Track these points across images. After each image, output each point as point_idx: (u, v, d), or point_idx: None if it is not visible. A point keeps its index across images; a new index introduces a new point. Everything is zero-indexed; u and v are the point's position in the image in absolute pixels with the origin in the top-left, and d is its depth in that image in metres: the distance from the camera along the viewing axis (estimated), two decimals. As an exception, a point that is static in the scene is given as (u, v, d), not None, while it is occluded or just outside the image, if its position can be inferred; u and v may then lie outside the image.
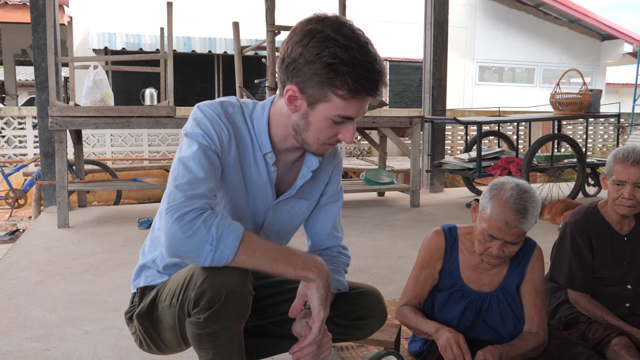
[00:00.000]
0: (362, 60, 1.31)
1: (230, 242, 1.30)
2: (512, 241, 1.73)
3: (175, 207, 1.30)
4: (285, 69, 1.38)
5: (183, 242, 1.29)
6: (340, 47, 1.31)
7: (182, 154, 1.40)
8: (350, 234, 4.34)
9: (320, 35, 1.32)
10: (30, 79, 19.68)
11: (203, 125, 1.43)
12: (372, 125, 5.48)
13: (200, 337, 1.38)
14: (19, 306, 2.75)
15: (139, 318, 1.56)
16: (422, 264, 1.92)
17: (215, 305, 1.33)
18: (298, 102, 1.40)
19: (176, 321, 1.45)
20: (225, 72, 11.79)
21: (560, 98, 5.91)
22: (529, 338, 1.81)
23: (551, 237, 2.54)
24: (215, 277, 1.32)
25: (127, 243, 4.07)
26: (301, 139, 1.46)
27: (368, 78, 1.33)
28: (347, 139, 1.44)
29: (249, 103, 1.54)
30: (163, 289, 1.52)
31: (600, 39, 14.35)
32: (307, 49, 1.32)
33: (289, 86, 1.38)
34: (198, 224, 1.29)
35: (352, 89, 1.33)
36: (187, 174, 1.35)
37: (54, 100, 4.51)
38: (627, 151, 2.03)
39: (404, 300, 1.93)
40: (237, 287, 1.34)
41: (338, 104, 1.36)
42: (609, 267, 2.11)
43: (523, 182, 1.75)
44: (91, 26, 10.75)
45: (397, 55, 12.56)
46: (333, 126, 1.41)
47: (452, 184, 8.98)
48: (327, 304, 1.43)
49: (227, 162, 1.47)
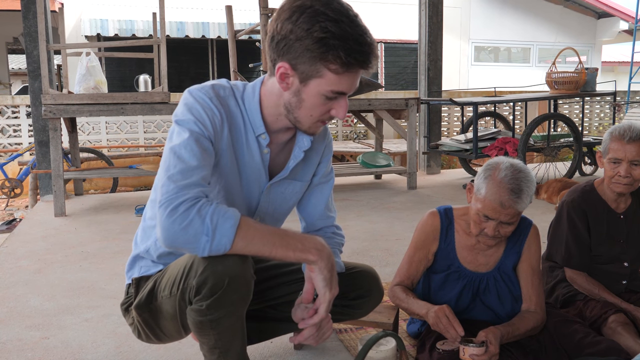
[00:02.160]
0: (353, 33, 1.30)
1: (227, 231, 1.28)
2: (507, 221, 1.73)
3: (169, 199, 1.29)
4: (275, 46, 1.35)
5: (179, 235, 1.27)
6: (331, 20, 1.28)
7: (173, 142, 1.37)
8: (347, 217, 4.34)
9: (309, 10, 1.29)
10: (23, 67, 19.51)
11: (195, 111, 1.40)
12: (368, 108, 5.46)
13: (202, 324, 1.38)
14: (18, 295, 2.75)
15: (138, 309, 1.55)
16: (416, 244, 1.92)
17: (217, 292, 1.33)
18: (290, 80, 1.37)
19: (177, 310, 1.45)
20: (219, 57, 11.71)
21: (556, 77, 5.89)
22: (528, 317, 1.82)
23: (548, 217, 2.54)
24: (217, 264, 1.32)
25: (124, 230, 4.07)
26: (293, 117, 1.43)
27: (360, 51, 1.31)
28: (340, 115, 1.42)
29: (239, 85, 1.52)
30: (161, 278, 1.51)
31: (596, 17, 14.28)
32: (297, 24, 1.30)
33: (280, 64, 1.36)
34: (192, 214, 1.27)
35: (345, 63, 1.31)
36: (179, 163, 1.33)
37: (47, 89, 4.48)
38: (623, 129, 2.02)
39: (397, 280, 1.94)
40: (240, 272, 1.34)
41: (331, 79, 1.34)
42: (605, 245, 2.12)
43: (518, 162, 1.75)
44: (83, 12, 10.65)
45: (392, 37, 12.48)
46: (326, 102, 1.39)
47: (449, 166, 8.99)
48: (333, 284, 1.41)
49: (220, 147, 1.45)
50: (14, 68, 19.16)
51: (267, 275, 1.72)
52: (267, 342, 2.06)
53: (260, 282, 1.68)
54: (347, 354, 2.04)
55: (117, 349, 2.13)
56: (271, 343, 2.09)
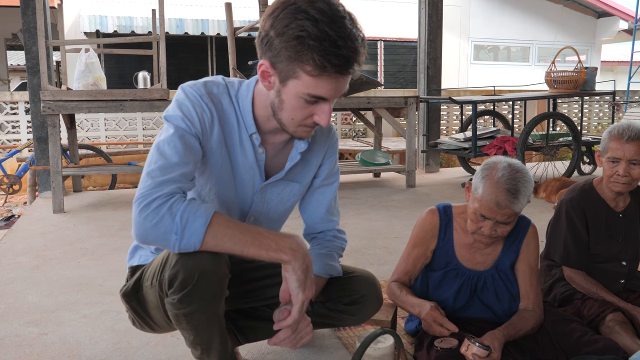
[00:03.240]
0: (331, 35, 1.23)
1: (196, 230, 1.26)
2: (503, 221, 1.73)
3: (143, 195, 1.28)
4: (260, 43, 1.32)
5: (149, 231, 1.26)
6: (310, 19, 1.23)
7: (159, 138, 1.37)
8: (346, 215, 4.34)
9: (291, 7, 1.25)
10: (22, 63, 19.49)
11: (184, 107, 1.39)
12: (367, 106, 5.46)
13: (177, 317, 1.38)
14: (16, 291, 2.75)
15: (125, 297, 1.55)
16: (415, 241, 1.92)
17: (188, 286, 1.31)
18: (271, 79, 1.34)
19: (159, 300, 1.44)
20: (218, 54, 11.70)
21: (556, 76, 5.89)
22: (527, 316, 1.82)
23: (547, 216, 2.54)
24: (188, 259, 1.30)
25: (122, 227, 4.07)
26: (278, 118, 1.40)
27: (337, 54, 1.24)
28: (323, 122, 1.36)
29: (235, 82, 1.49)
30: (147, 268, 1.51)
31: (596, 16, 14.28)
32: (277, 20, 1.27)
33: (261, 61, 1.33)
34: (163, 211, 1.25)
35: (319, 66, 1.25)
36: (160, 159, 1.32)
37: (45, 85, 4.47)
38: (622, 128, 2.02)
39: (394, 277, 1.94)
40: (210, 268, 1.31)
41: (307, 81, 1.28)
42: (604, 244, 2.12)
43: (516, 161, 1.75)
44: (82, 9, 10.63)
45: (391, 35, 12.47)
46: (306, 106, 1.34)
47: (448, 164, 8.99)
48: (307, 286, 1.36)
49: (209, 145, 1.43)
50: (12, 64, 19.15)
51: (261, 275, 1.70)
52: (265, 340, 2.06)
53: (254, 280, 1.68)
54: (345, 351, 2.04)
55: (115, 345, 2.13)
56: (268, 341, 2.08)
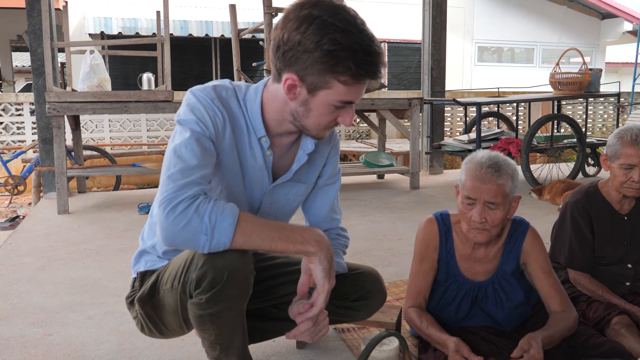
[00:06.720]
0: (362, 44, 1.29)
1: (226, 229, 1.29)
2: (490, 200, 1.69)
3: (168, 198, 1.29)
4: (281, 56, 1.34)
5: (178, 234, 1.28)
6: (340, 32, 1.28)
7: (175, 142, 1.39)
8: (350, 217, 4.34)
9: (317, 21, 1.28)
10: (27, 64, 19.57)
11: (197, 111, 1.41)
12: (371, 108, 5.46)
13: (202, 318, 1.39)
14: (21, 292, 2.75)
15: (140, 302, 1.57)
16: (420, 255, 1.91)
17: (217, 285, 1.33)
18: (297, 90, 1.37)
19: (178, 304, 1.46)
20: (222, 56, 11.72)
21: (560, 78, 5.87)
22: (559, 318, 1.76)
23: (551, 218, 2.54)
24: (216, 258, 1.33)
25: (127, 228, 4.07)
26: (300, 124, 1.45)
27: (370, 62, 1.31)
28: (347, 123, 1.43)
29: (242, 86, 1.52)
30: (164, 272, 1.52)
31: (600, 18, 14.25)
32: (306, 36, 1.29)
33: (287, 75, 1.35)
34: (190, 213, 1.27)
35: (355, 74, 1.31)
36: (179, 163, 1.34)
37: (50, 86, 4.48)
38: (634, 133, 1.99)
39: (410, 302, 1.90)
40: (239, 267, 1.34)
41: (340, 90, 1.34)
42: (609, 246, 2.11)
43: (495, 152, 1.77)
44: (87, 10, 10.67)
45: (395, 36, 12.48)
46: (334, 111, 1.40)
47: (452, 166, 8.98)
48: (332, 275, 1.42)
49: (222, 148, 1.46)
50: (17, 65, 19.23)
51: (269, 275, 1.73)
52: (270, 341, 2.06)
53: (262, 280, 1.69)
54: (350, 353, 2.04)
55: (119, 347, 2.13)
56: (274, 342, 2.09)
